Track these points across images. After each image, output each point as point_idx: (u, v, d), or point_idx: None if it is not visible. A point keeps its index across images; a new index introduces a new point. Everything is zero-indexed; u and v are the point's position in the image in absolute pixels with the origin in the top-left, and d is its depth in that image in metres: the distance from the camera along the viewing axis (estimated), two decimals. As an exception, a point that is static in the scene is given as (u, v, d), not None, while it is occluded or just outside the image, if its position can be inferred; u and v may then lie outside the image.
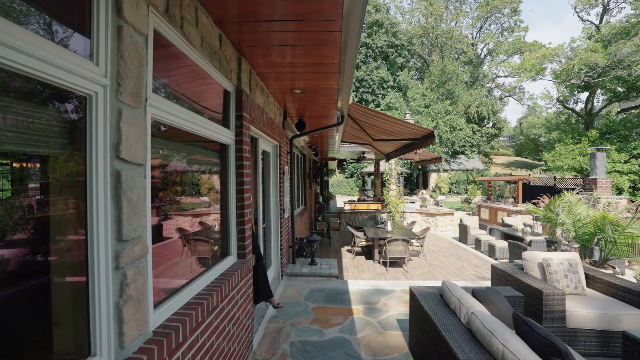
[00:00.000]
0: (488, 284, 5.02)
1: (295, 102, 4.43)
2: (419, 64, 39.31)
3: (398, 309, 3.89)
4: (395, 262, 7.67)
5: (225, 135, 2.49)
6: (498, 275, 3.63)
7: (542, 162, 34.68)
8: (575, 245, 3.94)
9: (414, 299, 2.79)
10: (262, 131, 3.67)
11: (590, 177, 8.87)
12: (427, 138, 6.52)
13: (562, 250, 5.15)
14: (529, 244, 7.12)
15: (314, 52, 2.64)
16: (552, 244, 5.07)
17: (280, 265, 4.79)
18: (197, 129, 2.00)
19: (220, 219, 2.55)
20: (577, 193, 4.43)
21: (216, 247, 2.47)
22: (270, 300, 3.57)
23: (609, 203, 7.88)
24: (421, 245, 8.35)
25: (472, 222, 11.04)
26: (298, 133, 5.45)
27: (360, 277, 6.76)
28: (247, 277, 2.69)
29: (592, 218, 3.90)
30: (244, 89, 2.68)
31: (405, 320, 3.51)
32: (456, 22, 38.76)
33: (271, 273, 4.64)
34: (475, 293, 2.45)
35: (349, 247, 9.28)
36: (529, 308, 2.91)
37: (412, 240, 7.33)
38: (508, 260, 8.02)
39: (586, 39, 18.16)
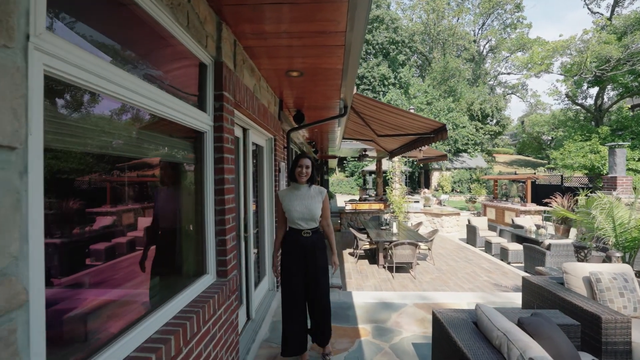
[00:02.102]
0: (510, 295, 4.47)
1: (293, 89, 3.86)
2: (420, 62, 38.70)
3: (412, 328, 3.33)
4: (402, 267, 7.12)
5: (199, 119, 1.92)
6: (531, 291, 3.07)
7: (545, 161, 34.14)
8: (617, 254, 3.39)
9: (439, 326, 2.23)
10: (252, 120, 3.09)
11: (609, 175, 8.30)
12: (438, 132, 5.94)
13: (588, 260, 4.59)
14: (548, 247, 6.56)
15: (316, 15, 2.06)
16: (580, 250, 4.51)
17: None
18: (149, 104, 1.43)
19: (194, 228, 1.99)
20: (618, 193, 3.86)
21: (186, 265, 1.90)
22: (324, 347, 2.74)
23: (632, 203, 7.32)
24: (429, 249, 7.80)
25: (480, 223, 10.48)
26: (296, 126, 4.88)
27: (364, 284, 6.22)
28: (230, 300, 2.13)
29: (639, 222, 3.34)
30: (225, 62, 2.11)
31: (423, 345, 2.95)
32: (458, 19, 38.15)
33: (265, 284, 4.08)
34: (524, 324, 1.89)
35: (351, 250, 8.73)
36: (582, 337, 2.35)
37: (419, 244, 6.78)
38: (522, 265, 7.47)
39: (598, 30, 17.50)
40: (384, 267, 7.23)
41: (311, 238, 2.56)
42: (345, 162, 32.11)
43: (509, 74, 38.18)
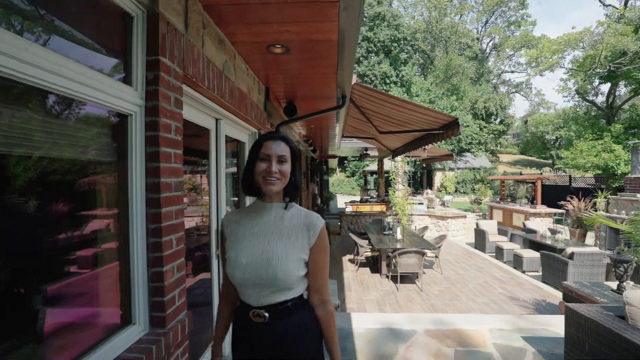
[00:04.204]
0: (540, 319, 3.79)
1: (280, 72, 3.21)
2: (422, 60, 38.02)
3: (426, 368, 2.68)
4: (407, 276, 6.47)
5: (116, 95, 1.27)
6: (579, 325, 2.41)
7: (550, 161, 33.37)
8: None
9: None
10: (223, 107, 2.44)
11: (633, 176, 7.63)
12: (448, 128, 5.28)
13: (629, 276, 3.92)
14: (570, 257, 5.89)
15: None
16: (620, 265, 3.84)
17: (262, 293, 3.56)
18: (11, 66, 0.78)
19: (109, 256, 1.34)
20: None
21: (91, 315, 1.25)
22: None
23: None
24: (436, 256, 7.15)
25: (489, 226, 9.82)
26: (287, 119, 4.23)
27: (366, 297, 5.58)
28: (172, 358, 1.47)
29: None
30: (164, 15, 1.46)
31: (442, 396, 2.30)
32: (461, 16, 37.49)
33: (248, 306, 3.42)
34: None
35: (352, 257, 8.08)
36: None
37: (425, 251, 6.13)
38: (539, 274, 6.81)
39: (614, 21, 16.70)
40: (387, 277, 6.59)
41: (270, 327, 1.15)
42: (345, 161, 31.48)
43: (512, 72, 37.53)
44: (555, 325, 3.41)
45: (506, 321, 3.48)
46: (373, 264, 7.56)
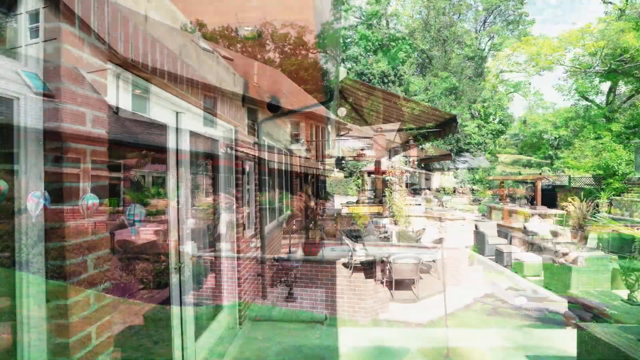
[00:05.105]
0: (545, 334, 3.47)
1: (257, 63, 2.88)
2: (421, 60, 37.75)
3: (419, 397, 2.36)
4: (402, 282, 6.16)
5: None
6: (596, 350, 2.08)
7: (548, 161, 33.14)
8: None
9: None
10: (183, 98, 2.11)
11: (636, 176, 7.33)
12: (446, 126, 4.96)
13: (638, 287, 3.60)
14: (574, 262, 5.59)
15: None
16: (631, 273, 3.53)
17: (239, 306, 3.24)
18: None
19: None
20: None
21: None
22: None
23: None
24: (433, 260, 6.83)
25: (489, 228, 9.51)
26: (271, 115, 3.90)
27: (358, 306, 5.26)
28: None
29: None
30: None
31: None
32: (459, 15, 37.22)
33: (223, 320, 3.10)
34: None
35: (345, 261, 7.75)
36: None
37: (422, 257, 5.82)
38: (542, 280, 6.50)
39: (615, 18, 16.38)
40: (382, 283, 6.25)
41: None
42: (343, 161, 31.16)
43: (511, 71, 37.34)
44: (562, 341, 3.10)
45: (508, 337, 3.16)
46: (368, 269, 7.23)
